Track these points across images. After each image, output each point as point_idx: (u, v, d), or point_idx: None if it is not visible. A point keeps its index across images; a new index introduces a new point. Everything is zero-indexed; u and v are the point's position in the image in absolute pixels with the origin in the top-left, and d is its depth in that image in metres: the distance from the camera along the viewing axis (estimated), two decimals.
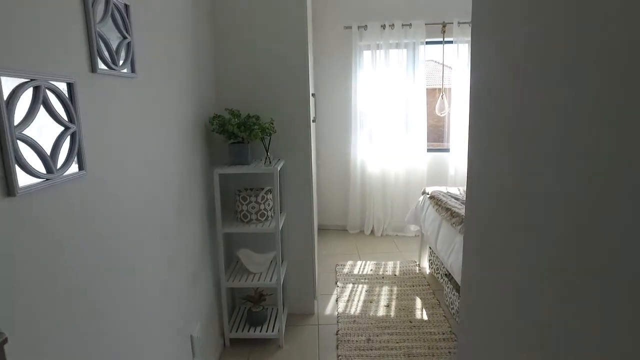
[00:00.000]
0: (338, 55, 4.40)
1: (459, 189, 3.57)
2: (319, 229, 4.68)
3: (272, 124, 2.45)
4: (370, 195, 4.54)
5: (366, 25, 4.19)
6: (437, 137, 5.20)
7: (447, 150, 4.57)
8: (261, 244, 2.72)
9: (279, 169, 2.36)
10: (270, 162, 2.37)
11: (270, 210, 2.50)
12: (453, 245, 2.72)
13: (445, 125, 4.99)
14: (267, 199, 2.48)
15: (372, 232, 4.61)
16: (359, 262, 3.81)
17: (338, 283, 3.40)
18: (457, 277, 2.50)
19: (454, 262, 2.61)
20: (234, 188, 2.63)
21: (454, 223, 2.77)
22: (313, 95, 3.42)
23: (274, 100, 2.59)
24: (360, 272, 3.60)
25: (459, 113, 4.36)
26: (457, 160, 4.44)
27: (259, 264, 2.63)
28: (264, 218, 2.49)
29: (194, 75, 2.16)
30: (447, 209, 2.97)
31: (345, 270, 3.66)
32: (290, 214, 2.75)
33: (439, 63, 4.56)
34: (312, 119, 3.12)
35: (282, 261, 2.77)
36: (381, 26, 4.18)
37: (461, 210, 2.88)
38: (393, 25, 4.16)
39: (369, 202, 4.56)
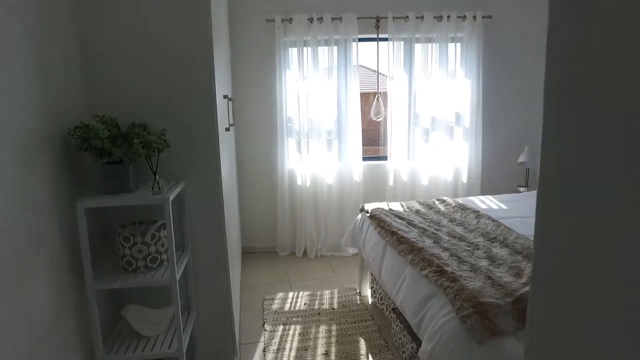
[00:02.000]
0: (260, 53, 3.81)
1: (402, 205, 3.14)
2: (243, 253, 4.05)
3: (164, 135, 1.80)
4: (301, 211, 4.00)
5: (291, 19, 3.64)
6: (372, 144, 4.80)
7: (384, 158, 4.16)
8: (158, 295, 2.05)
9: (172, 196, 1.72)
10: (160, 188, 1.72)
11: (165, 252, 1.84)
12: (402, 278, 2.24)
13: (381, 130, 4.59)
14: (160, 238, 1.83)
15: (305, 253, 4.06)
16: (290, 294, 3.24)
17: (266, 325, 2.80)
18: (411, 319, 2.03)
19: (406, 299, 2.13)
20: (118, 223, 1.94)
21: (401, 252, 2.29)
22: (229, 98, 2.81)
23: (168, 105, 1.94)
24: (292, 308, 3.03)
25: (397, 117, 3.96)
26: (396, 169, 4.04)
27: (155, 324, 1.96)
28: (156, 264, 1.83)
29: (37, 69, 1.47)
30: (393, 233, 2.50)
31: (275, 306, 3.07)
32: (197, 251, 2.11)
33: (371, 70, 4.16)
34: (226, 126, 2.52)
35: (189, 314, 2.11)
36: (308, 19, 3.66)
37: (409, 234, 2.43)
38: (322, 18, 3.66)
39: (299, 219, 4.01)
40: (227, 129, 2.57)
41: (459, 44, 3.90)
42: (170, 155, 1.94)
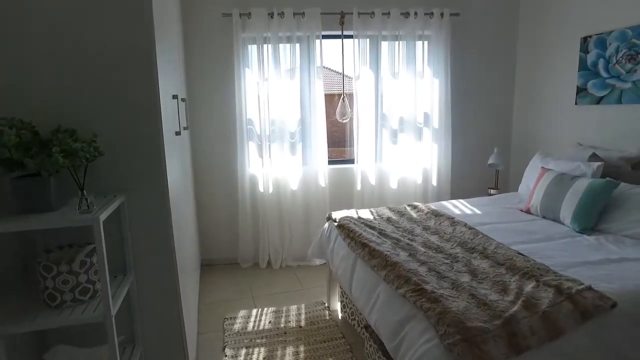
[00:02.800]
0: (217, 50, 3.52)
1: (372, 212, 2.94)
2: (202, 266, 3.74)
3: (94, 142, 1.50)
4: (264, 219, 3.73)
5: (250, 13, 3.38)
6: (338, 145, 4.59)
7: (351, 161, 3.96)
8: (93, 330, 1.74)
9: (104, 215, 1.42)
10: (88, 206, 1.42)
11: (98, 281, 1.54)
12: (376, 296, 2.03)
13: (347, 132, 4.40)
14: (92, 264, 1.53)
15: (269, 264, 3.80)
16: (254, 311, 2.97)
17: (227, 350, 2.52)
18: (387, 342, 1.82)
19: (381, 320, 1.91)
20: (43, 248, 1.62)
21: (374, 267, 2.08)
22: (181, 98, 2.52)
23: (103, 107, 1.64)
24: (256, 327, 2.77)
25: (364, 118, 3.77)
26: (363, 172, 3.85)
27: None
28: (88, 295, 1.53)
29: None
30: (364, 245, 2.29)
31: (237, 326, 2.79)
32: (142, 275, 1.81)
33: (336, 72, 3.96)
34: (176, 130, 2.23)
35: (134, 349, 1.81)
36: (269, 14, 3.40)
37: (382, 246, 2.22)
38: (283, 13, 3.41)
39: (262, 227, 3.74)
40: (178, 133, 2.28)
41: (426, 42, 3.76)
42: (106, 166, 1.64)
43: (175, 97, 2.30)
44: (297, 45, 3.54)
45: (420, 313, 1.65)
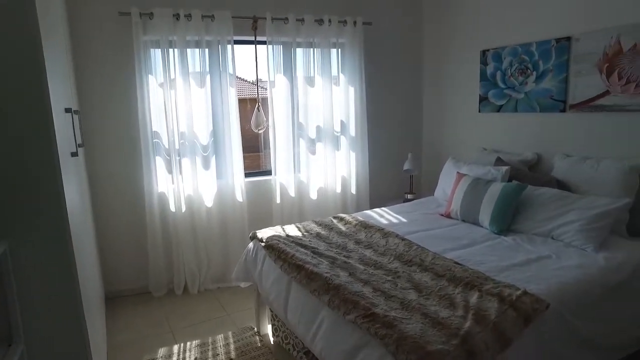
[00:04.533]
0: (114, 54, 3.10)
1: (299, 229, 2.81)
2: (107, 300, 3.26)
3: None
4: (177, 241, 3.38)
5: (152, 13, 3.02)
6: (253, 158, 4.37)
7: (268, 172, 3.78)
8: None
9: None
10: None
11: None
12: (319, 322, 1.89)
13: (260, 143, 4.21)
14: None
15: (186, 289, 3.45)
16: (175, 348, 2.63)
17: None
18: None
19: (327, 349, 1.78)
20: None
21: (315, 290, 1.95)
22: (74, 111, 2.12)
23: None
24: None
25: (280, 127, 3.62)
26: (282, 184, 3.70)
27: None
28: None
29: None
30: (299, 267, 2.14)
31: None
32: (36, 341, 1.43)
33: (248, 82, 3.76)
34: (72, 150, 1.86)
35: None
36: (174, 16, 3.08)
37: (319, 267, 2.10)
38: (190, 15, 3.11)
39: (176, 250, 3.38)
40: (75, 153, 1.90)
41: (340, 50, 3.75)
42: None
43: (68, 110, 1.92)
44: (207, 50, 3.27)
45: (374, 340, 1.55)
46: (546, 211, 2.55)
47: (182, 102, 3.22)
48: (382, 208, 3.32)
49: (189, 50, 3.19)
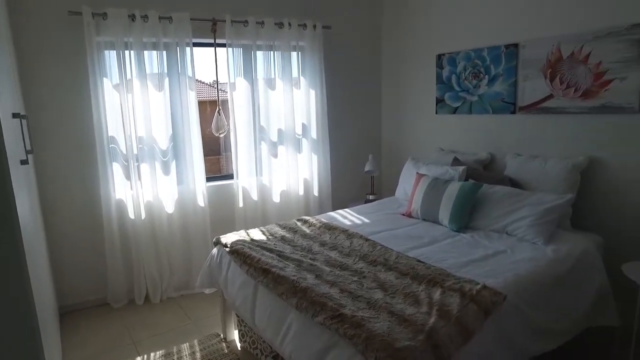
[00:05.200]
0: (64, 55, 2.96)
1: (264, 232, 2.80)
2: (62, 315, 3.11)
3: None
4: (137, 249, 3.27)
5: (105, 13, 2.91)
6: (214, 162, 4.31)
7: (230, 177, 3.73)
8: None
9: None
10: None
11: None
12: (287, 325, 1.90)
13: (221, 146, 4.17)
14: None
15: (148, 298, 3.35)
16: None
17: None
18: None
19: (297, 352, 1.79)
20: None
21: (282, 294, 1.96)
22: (22, 116, 2.02)
23: None
24: None
25: (242, 131, 3.59)
26: (245, 188, 3.67)
27: None
28: None
29: None
30: (265, 271, 2.14)
31: None
32: None
33: (208, 85, 3.70)
34: (22, 158, 1.77)
35: None
36: (129, 16, 2.98)
37: (285, 270, 2.11)
38: (147, 16, 3.03)
39: (136, 258, 3.28)
40: (25, 161, 1.81)
41: (300, 53, 3.77)
42: None
43: (16, 115, 1.82)
44: (165, 52, 3.19)
45: (343, 340, 1.58)
46: (500, 208, 2.69)
47: (139, 105, 3.13)
48: (345, 209, 3.37)
49: (146, 53, 3.10)
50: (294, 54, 3.72)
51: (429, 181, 3.02)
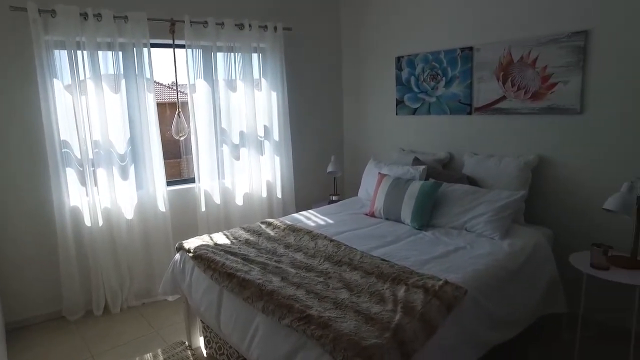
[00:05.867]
0: (8, 56, 2.79)
1: (227, 236, 2.76)
2: (11, 330, 2.94)
3: None
4: (95, 258, 3.14)
5: (54, 10, 2.78)
6: (175, 166, 4.21)
7: (192, 180, 3.66)
8: None
9: None
10: None
11: None
12: (253, 329, 1.89)
13: (182, 149, 4.07)
14: None
15: (107, 309, 3.22)
16: None
17: None
18: None
19: (264, 355, 1.79)
20: None
21: (248, 298, 1.94)
22: None
23: None
24: None
25: (203, 133, 3.52)
26: (207, 191, 3.60)
27: None
28: None
29: None
30: (230, 276, 2.11)
31: None
32: None
33: (166, 86, 3.60)
34: None
35: None
36: (81, 15, 2.86)
37: (251, 274, 2.09)
38: (100, 15, 2.91)
39: (93, 268, 3.14)
40: None
41: (261, 55, 3.75)
42: None
43: None
44: (121, 53, 3.08)
45: (311, 341, 1.59)
46: (460, 206, 2.79)
47: (94, 108, 3.01)
48: (309, 210, 3.38)
49: (100, 53, 2.98)
50: (254, 56, 3.69)
51: (390, 181, 3.09)
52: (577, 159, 2.76)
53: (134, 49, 3.11)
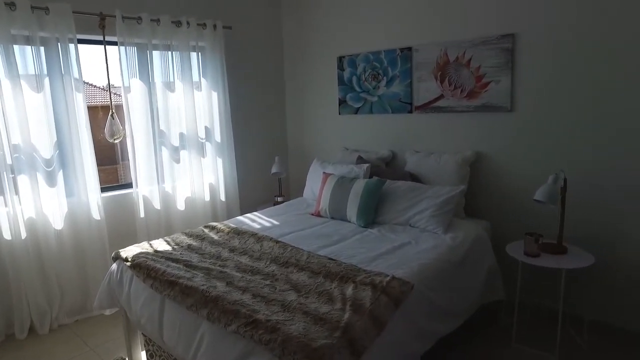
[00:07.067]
0: None
1: (168, 242, 2.63)
2: None
3: None
4: (16, 274, 2.85)
5: None
6: (110, 171, 3.94)
7: (129, 185, 3.45)
8: None
9: None
10: None
11: None
12: (199, 338, 1.80)
13: (117, 154, 3.83)
14: None
15: (33, 330, 2.93)
16: None
17: None
18: None
19: None
20: None
21: (192, 306, 1.84)
22: None
23: None
24: None
25: (139, 136, 3.33)
26: (146, 197, 3.41)
27: None
28: None
29: None
30: (172, 283, 2.00)
31: None
32: None
33: (101, 88, 3.37)
34: None
35: None
36: None
37: (194, 280, 2.00)
38: (14, 4, 2.64)
39: (15, 286, 2.85)
40: None
41: (200, 54, 3.62)
42: None
43: None
44: (42, 48, 2.83)
45: (259, 347, 1.54)
46: (403, 202, 2.84)
47: (12, 109, 2.74)
48: (254, 213, 3.31)
49: (16, 47, 2.72)
50: (193, 55, 3.55)
51: (335, 180, 3.09)
52: (509, 155, 2.92)
53: (59, 44, 2.87)
